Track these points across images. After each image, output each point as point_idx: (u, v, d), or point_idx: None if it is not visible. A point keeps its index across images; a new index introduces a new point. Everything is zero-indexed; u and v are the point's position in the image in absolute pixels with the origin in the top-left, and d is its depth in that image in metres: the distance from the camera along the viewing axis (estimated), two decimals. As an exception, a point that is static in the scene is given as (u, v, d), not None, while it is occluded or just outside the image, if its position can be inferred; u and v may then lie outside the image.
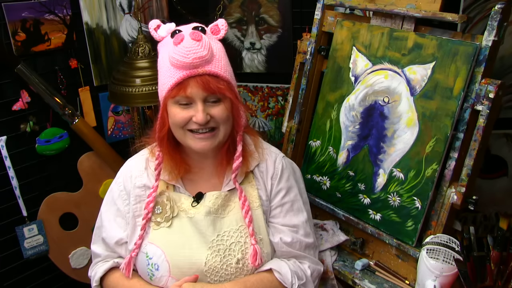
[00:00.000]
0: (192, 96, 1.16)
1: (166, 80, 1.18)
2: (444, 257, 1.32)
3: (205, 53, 1.14)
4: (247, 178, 1.31)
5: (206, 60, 1.14)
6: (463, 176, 1.36)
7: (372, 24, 1.59)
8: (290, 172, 1.36)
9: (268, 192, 1.33)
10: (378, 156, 1.53)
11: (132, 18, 2.20)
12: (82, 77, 2.10)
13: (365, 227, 1.57)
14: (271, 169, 1.33)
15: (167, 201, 1.27)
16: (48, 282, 2.18)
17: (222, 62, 1.19)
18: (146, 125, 2.17)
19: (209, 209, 1.25)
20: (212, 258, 1.22)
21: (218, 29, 1.25)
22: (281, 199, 1.33)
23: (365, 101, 1.57)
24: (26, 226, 2.01)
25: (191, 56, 1.13)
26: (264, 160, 1.34)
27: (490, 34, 1.31)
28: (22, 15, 1.85)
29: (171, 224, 1.26)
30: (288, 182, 1.34)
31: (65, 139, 2.07)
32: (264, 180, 1.33)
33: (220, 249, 1.23)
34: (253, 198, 1.29)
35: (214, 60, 1.17)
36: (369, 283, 1.51)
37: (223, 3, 2.22)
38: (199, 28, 1.21)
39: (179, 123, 1.19)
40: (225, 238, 1.24)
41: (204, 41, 1.15)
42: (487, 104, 1.32)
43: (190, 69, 1.14)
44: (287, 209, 1.33)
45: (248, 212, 1.25)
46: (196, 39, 1.14)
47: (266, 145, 1.39)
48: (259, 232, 1.27)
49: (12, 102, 1.92)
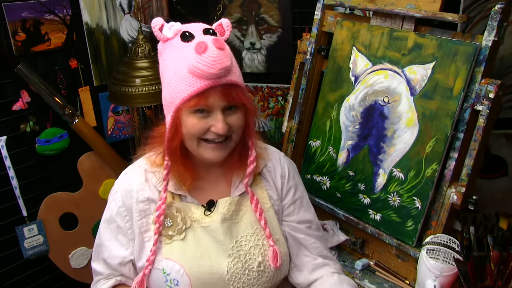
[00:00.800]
0: (212, 105, 1.11)
1: (182, 88, 1.10)
2: (444, 257, 1.32)
3: (229, 63, 1.08)
4: (254, 180, 1.28)
5: (229, 70, 1.09)
6: (463, 176, 1.36)
7: (372, 24, 1.59)
8: (293, 169, 1.36)
9: (279, 191, 1.31)
10: (378, 156, 1.53)
11: (132, 18, 2.20)
12: (82, 77, 2.10)
13: (365, 227, 1.57)
14: (278, 168, 1.31)
15: (177, 212, 1.21)
16: (48, 282, 2.18)
17: (238, 69, 1.14)
18: (146, 125, 2.17)
19: (224, 216, 1.21)
20: (233, 265, 1.19)
21: (222, 29, 1.20)
22: (292, 196, 1.32)
23: (365, 101, 1.57)
24: (26, 226, 2.01)
25: (217, 66, 1.06)
26: (270, 159, 1.32)
27: (490, 34, 1.31)
28: (22, 15, 1.85)
29: (185, 236, 1.20)
30: (294, 180, 1.33)
31: (65, 139, 2.07)
32: (274, 179, 1.31)
33: (241, 255, 1.20)
34: (263, 200, 1.27)
35: (233, 69, 1.12)
36: (369, 283, 1.51)
37: (223, 3, 2.22)
38: (210, 31, 1.14)
39: (197, 134, 1.14)
40: (243, 243, 1.21)
41: (226, 49, 1.09)
42: (487, 104, 1.32)
43: (213, 79, 1.08)
44: (299, 205, 1.32)
45: (262, 214, 1.23)
46: (220, 48, 1.07)
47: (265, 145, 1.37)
48: (274, 232, 1.25)
49: (12, 102, 1.92)
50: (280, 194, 1.31)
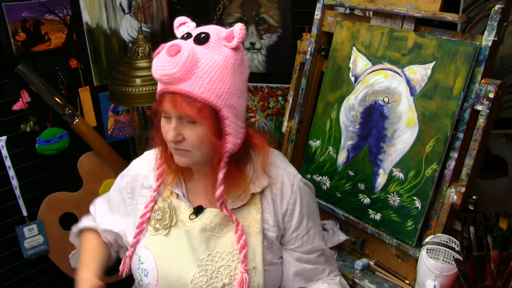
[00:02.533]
0: (167, 111, 1.10)
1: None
2: (444, 257, 1.32)
3: (175, 71, 1.03)
4: (252, 199, 1.21)
5: (177, 78, 1.04)
6: (463, 176, 1.36)
7: (372, 24, 1.59)
8: (308, 196, 1.26)
9: (280, 217, 1.22)
10: (378, 156, 1.53)
11: (132, 18, 2.20)
12: (82, 77, 2.10)
13: (365, 227, 1.57)
14: (287, 194, 1.22)
15: (168, 208, 1.22)
16: (48, 282, 2.18)
17: (205, 80, 1.05)
18: (146, 125, 2.17)
19: (205, 226, 1.18)
20: (199, 277, 1.16)
21: (232, 35, 1.10)
22: (306, 225, 1.24)
23: (365, 101, 1.57)
24: (26, 226, 2.01)
25: (159, 72, 1.05)
26: (279, 181, 1.22)
27: (490, 34, 1.31)
28: (22, 15, 1.85)
29: (169, 232, 1.21)
30: (308, 207, 1.25)
31: (65, 139, 2.07)
32: (277, 204, 1.22)
33: (208, 270, 1.16)
34: (253, 223, 1.19)
35: (192, 78, 1.04)
36: (369, 283, 1.51)
37: (223, 3, 2.22)
38: (200, 36, 1.09)
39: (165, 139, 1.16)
40: (216, 259, 1.17)
41: (179, 56, 1.03)
42: (487, 104, 1.32)
43: (164, 85, 1.07)
44: (313, 235, 1.25)
45: (241, 237, 1.16)
46: (170, 54, 1.03)
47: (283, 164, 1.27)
48: (253, 259, 1.17)
49: (12, 102, 1.92)
50: (281, 221, 1.22)
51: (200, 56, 1.06)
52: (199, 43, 1.08)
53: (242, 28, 1.10)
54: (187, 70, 1.04)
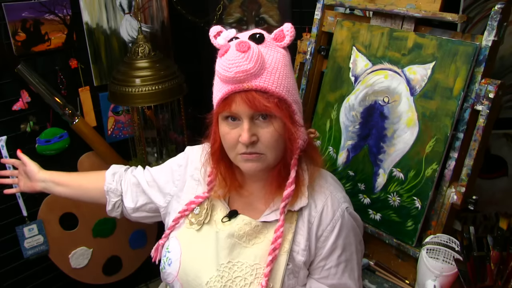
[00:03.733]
0: (237, 112, 1.05)
1: (216, 94, 1.09)
2: (444, 257, 1.32)
3: (250, 66, 1.01)
4: (288, 217, 1.15)
5: (252, 74, 1.01)
6: (463, 176, 1.36)
7: (372, 24, 1.59)
8: (351, 227, 1.18)
9: (313, 243, 1.15)
10: (378, 156, 1.53)
11: (132, 18, 2.20)
12: (82, 77, 2.10)
13: (365, 227, 1.57)
14: (327, 219, 1.15)
15: (206, 205, 1.22)
16: (48, 282, 2.18)
17: (276, 75, 1.05)
18: (146, 125, 2.17)
19: (233, 232, 1.15)
20: (214, 281, 1.14)
21: (282, 35, 1.10)
22: (337, 257, 1.16)
23: (365, 101, 1.57)
24: (26, 226, 2.01)
25: (233, 69, 1.01)
26: (321, 204, 1.15)
27: (490, 34, 1.31)
28: (22, 15, 1.85)
29: (201, 229, 1.20)
30: (346, 240, 1.16)
31: (65, 139, 2.07)
32: (313, 228, 1.15)
33: (224, 276, 1.13)
34: (284, 243, 1.13)
35: (264, 74, 1.03)
36: (369, 283, 1.51)
37: (223, 3, 2.22)
38: (256, 36, 1.07)
39: (229, 146, 1.10)
40: (235, 268, 1.13)
41: (251, 52, 1.01)
42: (487, 104, 1.32)
43: (235, 84, 1.03)
44: (343, 270, 1.17)
45: (275, 250, 1.11)
46: (242, 50, 1.01)
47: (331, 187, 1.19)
48: (273, 279, 1.12)
49: (12, 102, 1.92)
50: (313, 247, 1.16)
51: (263, 52, 1.06)
52: (257, 42, 1.07)
53: (292, 27, 1.10)
54: (260, 65, 1.03)
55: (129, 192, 1.43)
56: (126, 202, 1.42)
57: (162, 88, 1.90)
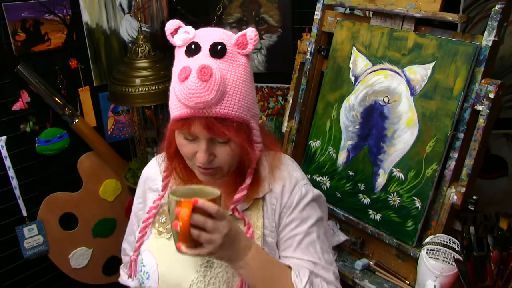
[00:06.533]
0: (196, 134, 1.04)
1: (172, 107, 1.05)
2: (444, 257, 1.32)
3: (212, 97, 0.97)
4: (255, 205, 1.17)
5: (213, 103, 0.99)
6: (463, 176, 1.36)
7: (372, 24, 1.59)
8: (310, 200, 1.19)
9: (276, 222, 1.17)
10: (378, 156, 1.53)
11: (132, 18, 2.20)
12: (82, 77, 2.10)
13: (365, 227, 1.57)
14: (286, 196, 1.17)
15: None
16: (48, 282, 2.18)
17: (236, 98, 1.02)
18: (146, 125, 2.17)
19: None
20: (196, 283, 1.13)
21: (246, 41, 1.05)
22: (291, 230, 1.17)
23: (365, 101, 1.57)
24: (26, 226, 2.01)
25: (193, 100, 0.97)
26: (281, 185, 1.18)
27: (490, 34, 1.31)
28: (22, 15, 1.85)
29: (171, 236, 1.18)
30: (303, 213, 1.17)
31: (65, 139, 2.07)
32: (275, 208, 1.17)
33: (206, 276, 1.13)
34: (254, 228, 1.15)
35: (225, 99, 1.00)
36: (369, 283, 1.51)
37: (223, 3, 2.22)
38: (218, 48, 1.02)
39: (185, 156, 1.10)
40: (214, 265, 1.13)
41: (212, 80, 0.97)
42: (487, 104, 1.32)
43: (193, 110, 1.00)
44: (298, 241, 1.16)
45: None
46: (203, 80, 0.96)
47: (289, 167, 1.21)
48: None
49: (12, 102, 1.92)
50: (277, 225, 1.18)
51: (224, 72, 1.02)
52: (218, 56, 1.02)
53: (255, 33, 1.06)
54: (221, 92, 0.99)
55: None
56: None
57: (162, 88, 1.90)
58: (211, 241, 0.95)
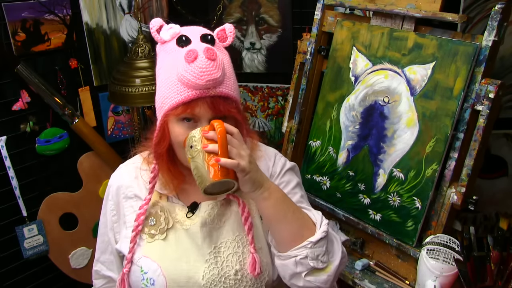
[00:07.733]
0: (199, 115, 1.08)
1: (171, 94, 1.08)
2: (444, 257, 1.32)
3: (219, 75, 1.05)
4: None
5: (220, 81, 1.06)
6: (463, 176, 1.36)
7: (372, 24, 1.59)
8: (287, 169, 1.29)
9: None
10: (378, 156, 1.53)
11: (132, 18, 2.20)
12: (82, 77, 2.10)
13: (365, 227, 1.57)
14: (270, 169, 1.26)
15: (161, 212, 1.21)
16: (48, 282, 2.18)
17: (231, 80, 1.11)
18: (146, 125, 2.17)
19: (204, 220, 1.17)
20: (209, 271, 1.15)
21: (225, 35, 1.16)
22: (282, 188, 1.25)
23: (365, 101, 1.57)
24: (26, 226, 2.01)
25: (205, 78, 1.03)
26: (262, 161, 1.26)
27: (490, 34, 1.31)
28: (22, 15, 1.85)
29: (166, 236, 1.19)
30: (285, 177, 1.27)
31: (65, 139, 2.07)
32: None
33: (218, 261, 1.16)
34: (251, 206, 1.21)
35: (225, 80, 1.08)
36: (369, 283, 1.51)
37: (223, 3, 2.22)
38: (208, 37, 1.11)
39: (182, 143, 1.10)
40: (222, 249, 1.17)
41: (218, 60, 1.05)
42: (487, 104, 1.32)
43: (202, 90, 1.05)
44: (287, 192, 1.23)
45: (247, 219, 1.17)
46: (211, 58, 1.04)
47: (263, 147, 1.31)
48: (257, 240, 1.19)
49: (12, 102, 1.92)
50: None
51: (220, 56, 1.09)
52: (211, 44, 1.10)
53: (233, 28, 1.17)
54: (224, 71, 1.07)
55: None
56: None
57: (162, 88, 1.89)
58: (241, 156, 1.01)
